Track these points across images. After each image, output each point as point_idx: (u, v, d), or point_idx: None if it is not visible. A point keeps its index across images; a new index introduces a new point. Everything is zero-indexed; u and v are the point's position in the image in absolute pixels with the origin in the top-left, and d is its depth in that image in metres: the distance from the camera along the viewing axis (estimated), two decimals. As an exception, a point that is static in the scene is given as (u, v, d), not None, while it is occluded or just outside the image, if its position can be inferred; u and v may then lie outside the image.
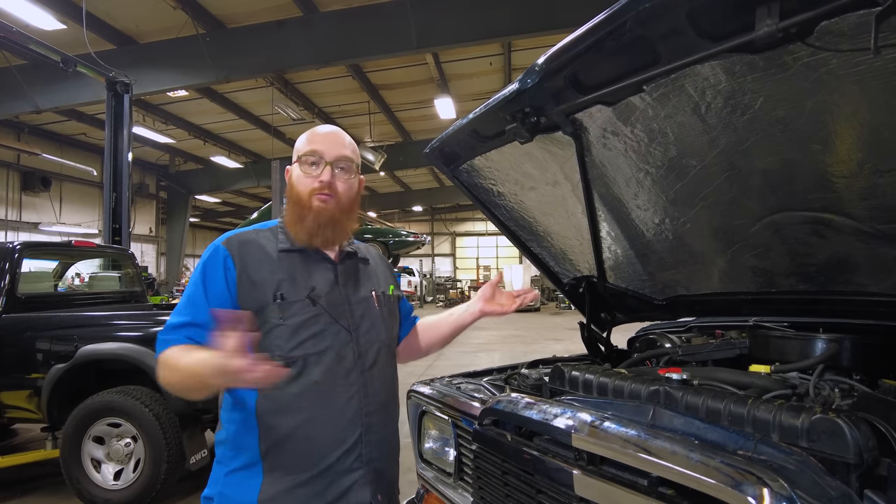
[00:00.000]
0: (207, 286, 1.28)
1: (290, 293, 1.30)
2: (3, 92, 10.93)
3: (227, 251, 1.30)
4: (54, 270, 5.62)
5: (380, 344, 1.42)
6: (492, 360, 9.51)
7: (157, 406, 3.58)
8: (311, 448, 1.27)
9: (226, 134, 17.01)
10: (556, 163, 1.82)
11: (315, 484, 1.27)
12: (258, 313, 1.27)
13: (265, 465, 1.26)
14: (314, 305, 1.31)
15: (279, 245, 1.35)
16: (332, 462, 1.28)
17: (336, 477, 1.29)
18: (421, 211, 32.42)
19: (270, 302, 1.28)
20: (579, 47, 1.26)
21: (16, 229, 16.64)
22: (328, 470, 1.28)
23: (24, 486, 4.15)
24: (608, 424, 1.21)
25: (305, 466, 1.26)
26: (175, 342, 1.24)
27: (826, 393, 1.39)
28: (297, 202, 1.36)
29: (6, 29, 7.06)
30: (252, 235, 1.36)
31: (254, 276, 1.29)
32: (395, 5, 8.99)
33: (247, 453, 1.28)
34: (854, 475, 0.94)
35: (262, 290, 1.29)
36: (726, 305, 2.01)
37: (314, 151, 1.35)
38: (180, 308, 1.29)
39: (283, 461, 1.26)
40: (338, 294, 1.36)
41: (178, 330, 1.26)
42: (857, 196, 1.30)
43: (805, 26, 0.97)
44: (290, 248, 1.35)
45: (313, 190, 1.34)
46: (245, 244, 1.33)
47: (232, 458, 1.29)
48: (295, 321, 1.28)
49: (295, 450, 1.26)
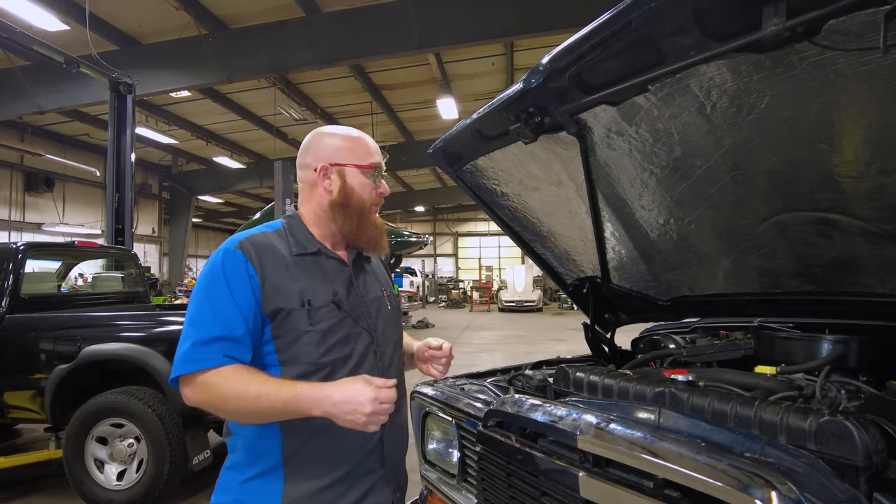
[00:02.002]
0: (234, 295, 1.20)
1: (315, 298, 1.26)
2: (7, 93, 10.96)
3: (245, 256, 1.24)
4: (58, 271, 5.62)
5: (394, 344, 1.43)
6: (494, 361, 9.50)
7: (159, 407, 3.57)
8: (334, 452, 1.26)
9: (228, 134, 17.03)
10: (560, 163, 1.81)
11: (338, 487, 1.26)
12: (284, 321, 1.23)
13: (286, 471, 1.24)
14: (339, 310, 1.28)
15: (293, 249, 1.31)
16: (355, 464, 1.28)
17: (358, 478, 1.28)
18: (423, 211, 32.41)
19: (298, 308, 1.23)
20: (584, 47, 1.26)
21: (19, 230, 16.67)
22: (351, 472, 1.27)
23: (28, 485, 4.16)
24: (613, 426, 1.20)
25: (328, 470, 1.26)
26: (213, 362, 1.16)
27: (833, 395, 1.38)
28: (359, 210, 1.35)
29: (10, 30, 7.08)
30: (264, 239, 1.31)
31: (276, 282, 1.24)
32: (396, 5, 8.98)
33: (267, 460, 1.25)
34: (863, 478, 0.93)
35: (285, 296, 1.23)
36: (731, 306, 2.00)
37: (381, 165, 1.39)
38: (205, 321, 1.19)
39: (305, 466, 1.25)
40: (356, 296, 1.35)
41: (210, 346, 1.17)
42: (864, 196, 1.29)
43: (812, 25, 0.96)
44: (304, 252, 1.32)
45: (375, 202, 1.38)
46: (261, 248, 1.27)
47: (248, 466, 1.26)
48: (323, 326, 1.25)
49: (319, 454, 1.25)
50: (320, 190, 1.35)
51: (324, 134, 1.39)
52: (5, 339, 3.97)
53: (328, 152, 1.35)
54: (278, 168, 8.81)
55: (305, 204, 1.39)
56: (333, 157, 1.35)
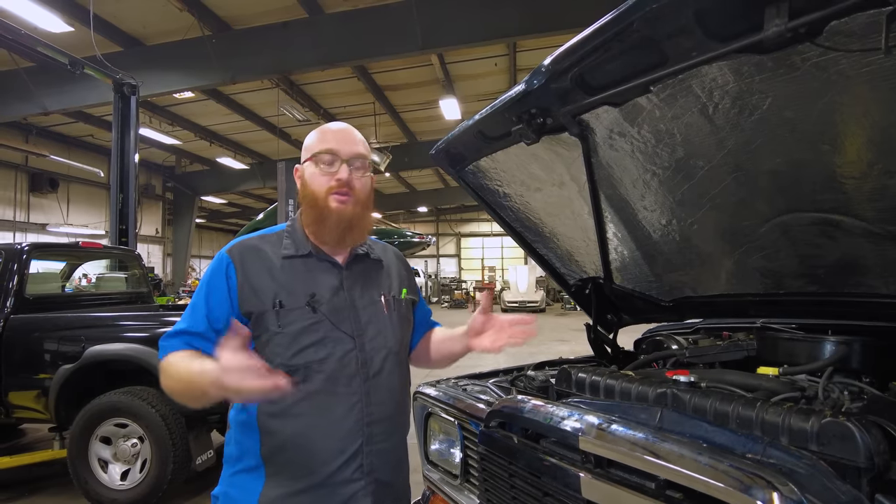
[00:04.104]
0: (209, 295, 1.28)
1: (288, 300, 1.27)
2: (12, 94, 11.02)
3: (229, 259, 1.30)
4: (62, 271, 5.65)
5: (387, 351, 1.36)
6: (497, 361, 9.47)
7: (163, 407, 3.59)
8: (310, 455, 1.25)
9: (232, 135, 17.08)
10: (563, 164, 1.81)
11: (314, 492, 1.25)
12: (258, 322, 1.26)
13: (267, 470, 1.26)
14: (314, 312, 1.27)
15: (283, 251, 1.32)
16: (332, 471, 1.25)
17: (336, 487, 1.26)
18: (426, 212, 32.42)
19: (269, 309, 1.26)
20: (586, 48, 1.26)
21: (24, 230, 16.76)
22: (328, 479, 1.25)
23: (32, 485, 4.18)
24: (616, 427, 1.20)
25: (305, 474, 1.25)
26: (173, 348, 1.24)
27: (835, 396, 1.37)
28: (312, 203, 1.31)
29: (15, 31, 7.12)
30: (256, 242, 1.35)
31: (255, 284, 1.28)
32: (399, 6, 8.99)
33: (250, 456, 1.27)
34: (865, 479, 0.93)
35: (261, 297, 1.27)
36: (734, 307, 2.00)
37: (329, 150, 1.31)
38: (182, 317, 1.30)
39: (283, 467, 1.26)
40: (342, 299, 1.33)
41: (177, 337, 1.26)
42: (867, 197, 1.29)
43: (814, 26, 0.96)
44: (293, 254, 1.32)
45: (330, 188, 1.29)
46: (247, 251, 1.32)
47: (237, 460, 1.30)
48: (294, 328, 1.26)
49: (294, 456, 1.25)
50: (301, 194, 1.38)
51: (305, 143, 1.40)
52: (10, 339, 3.99)
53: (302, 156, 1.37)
54: (281, 169, 8.81)
55: None
56: (302, 158, 1.37)
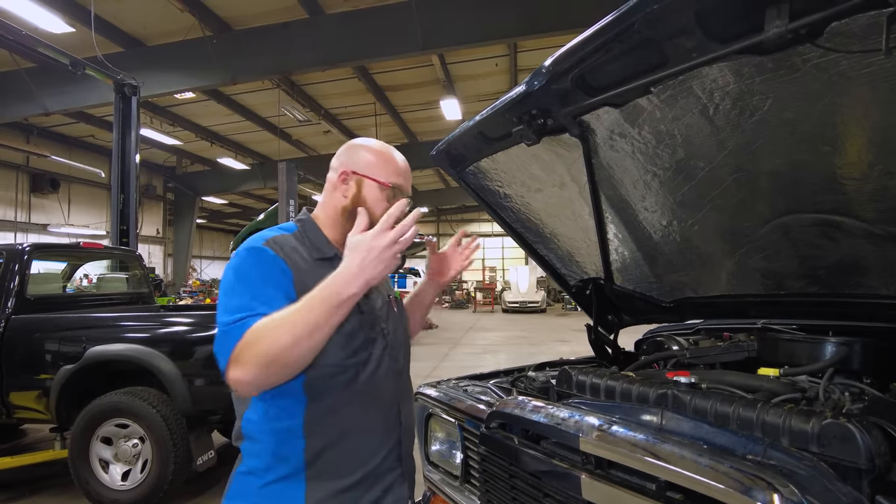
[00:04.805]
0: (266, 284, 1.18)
1: None
2: (13, 95, 11.03)
3: (274, 253, 1.23)
4: (63, 272, 5.65)
5: (405, 346, 1.46)
6: (497, 362, 9.50)
7: (164, 407, 3.59)
8: (357, 452, 1.28)
9: (232, 135, 17.08)
10: (563, 165, 1.81)
11: (360, 486, 1.28)
12: None
13: (308, 474, 1.25)
14: (361, 314, 1.30)
15: (312, 253, 1.32)
16: (377, 464, 1.30)
17: (379, 477, 1.31)
18: (427, 212, 32.44)
19: None
20: (587, 49, 1.26)
21: (25, 230, 16.77)
22: (373, 471, 1.30)
23: (33, 485, 4.18)
24: (616, 428, 1.20)
25: (351, 470, 1.27)
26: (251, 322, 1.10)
27: (836, 397, 1.37)
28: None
29: (16, 32, 7.12)
30: (287, 240, 1.30)
31: (307, 283, 1.20)
32: (400, 7, 8.99)
33: (288, 463, 1.24)
34: (865, 481, 0.93)
35: None
36: (734, 308, 2.00)
37: (402, 187, 1.36)
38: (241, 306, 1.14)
39: (328, 467, 1.26)
40: (373, 300, 1.37)
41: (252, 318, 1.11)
42: (867, 198, 1.29)
43: (815, 27, 0.96)
44: (322, 257, 1.33)
45: None
46: (288, 249, 1.27)
47: (267, 470, 1.25)
48: (347, 328, 1.25)
49: (342, 456, 1.27)
50: (338, 194, 1.37)
51: (360, 146, 1.39)
52: (11, 339, 3.99)
53: (356, 161, 1.37)
54: (282, 169, 8.85)
55: (323, 206, 1.40)
56: (358, 166, 1.36)
